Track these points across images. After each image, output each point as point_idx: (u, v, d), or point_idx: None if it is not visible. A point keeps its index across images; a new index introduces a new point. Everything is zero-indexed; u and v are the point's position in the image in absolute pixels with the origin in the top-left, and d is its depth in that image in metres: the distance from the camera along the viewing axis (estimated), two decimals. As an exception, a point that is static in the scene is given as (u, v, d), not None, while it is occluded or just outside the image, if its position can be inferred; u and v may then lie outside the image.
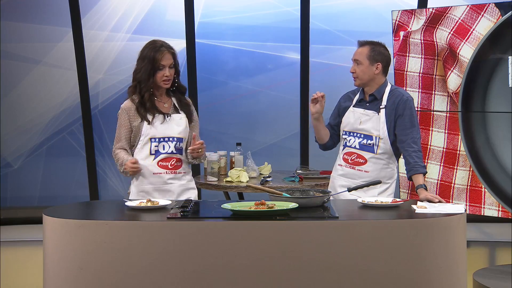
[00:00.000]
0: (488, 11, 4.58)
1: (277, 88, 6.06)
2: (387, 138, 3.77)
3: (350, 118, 3.86)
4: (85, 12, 5.97)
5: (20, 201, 6.17)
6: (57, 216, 3.02)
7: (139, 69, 3.64)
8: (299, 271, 2.88)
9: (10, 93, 6.10)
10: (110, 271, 2.89)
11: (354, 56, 3.82)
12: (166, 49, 3.62)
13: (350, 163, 3.84)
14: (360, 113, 3.83)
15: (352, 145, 3.84)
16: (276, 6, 5.99)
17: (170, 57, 3.62)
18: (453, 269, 2.98)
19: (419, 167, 3.64)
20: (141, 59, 3.64)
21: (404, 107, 3.75)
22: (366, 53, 3.77)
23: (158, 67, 3.59)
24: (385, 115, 3.76)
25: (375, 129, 3.78)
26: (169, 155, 3.66)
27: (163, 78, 3.61)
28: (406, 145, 3.72)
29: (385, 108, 3.77)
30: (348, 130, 3.86)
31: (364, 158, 3.80)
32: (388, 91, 3.81)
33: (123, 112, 3.67)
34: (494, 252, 5.20)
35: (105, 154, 6.13)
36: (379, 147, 3.78)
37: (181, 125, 3.69)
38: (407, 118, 3.74)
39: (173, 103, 3.74)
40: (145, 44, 3.68)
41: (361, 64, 3.77)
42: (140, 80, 3.63)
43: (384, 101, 3.79)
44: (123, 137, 3.68)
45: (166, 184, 3.67)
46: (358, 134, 3.82)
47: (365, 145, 3.80)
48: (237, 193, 5.17)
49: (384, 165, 3.81)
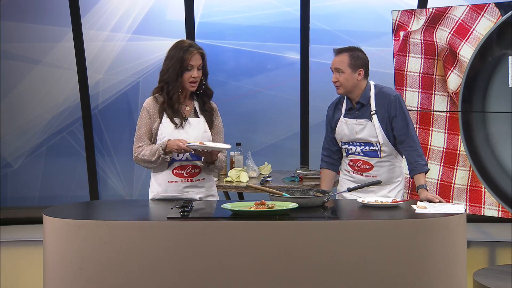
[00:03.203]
0: (488, 11, 4.58)
1: (277, 88, 6.06)
2: (388, 142, 3.75)
3: (345, 130, 3.80)
4: (85, 12, 5.97)
5: (20, 201, 6.17)
6: (57, 216, 3.02)
7: (166, 69, 3.47)
8: (299, 271, 2.88)
9: (10, 93, 6.10)
10: (110, 271, 2.89)
11: (333, 65, 3.75)
12: (196, 49, 3.46)
13: (357, 170, 3.81)
14: (353, 123, 3.77)
15: (355, 152, 3.80)
16: (276, 6, 5.99)
17: (199, 58, 3.46)
18: (453, 269, 2.98)
19: (420, 166, 3.64)
20: (169, 59, 3.47)
21: (395, 107, 3.72)
22: (347, 61, 3.71)
23: (186, 67, 3.44)
24: (378, 120, 3.73)
25: (372, 136, 3.74)
26: (183, 162, 3.51)
27: (190, 79, 3.45)
28: (406, 145, 3.71)
29: (377, 113, 3.73)
30: (346, 141, 3.82)
31: (369, 164, 3.78)
32: (374, 94, 3.77)
33: (144, 110, 3.52)
34: (494, 252, 5.19)
35: (105, 154, 6.13)
36: (382, 151, 3.76)
37: (198, 130, 3.53)
38: (400, 117, 3.72)
39: (194, 106, 3.58)
40: (172, 44, 3.52)
41: (343, 73, 3.71)
42: (168, 80, 3.46)
43: (373, 105, 3.74)
44: (144, 135, 3.50)
45: (183, 193, 3.52)
46: (357, 143, 3.79)
47: (368, 151, 3.77)
48: (237, 193, 5.17)
49: (390, 166, 3.79)
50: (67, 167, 6.18)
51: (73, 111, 6.10)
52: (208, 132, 3.56)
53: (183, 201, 3.30)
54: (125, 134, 6.16)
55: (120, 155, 6.11)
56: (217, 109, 3.67)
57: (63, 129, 6.13)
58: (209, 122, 3.58)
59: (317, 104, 5.90)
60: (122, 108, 6.11)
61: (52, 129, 6.12)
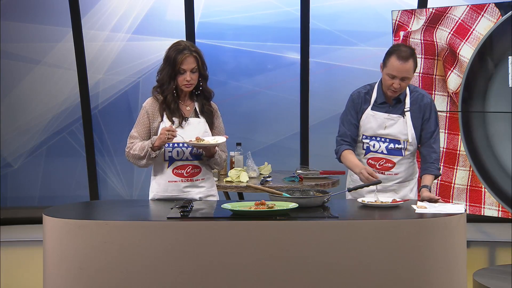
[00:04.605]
0: (488, 11, 4.58)
1: (277, 88, 6.06)
2: (415, 141, 3.74)
3: (372, 123, 3.74)
4: (85, 12, 5.97)
5: (20, 201, 6.17)
6: (57, 216, 3.02)
7: (161, 70, 3.48)
8: (299, 271, 2.88)
9: (10, 93, 6.10)
10: (110, 271, 2.90)
11: (401, 74, 3.60)
12: (189, 52, 3.42)
13: (379, 169, 3.75)
14: (383, 117, 3.72)
15: (378, 150, 3.75)
16: (276, 6, 5.99)
17: (192, 61, 3.42)
18: (453, 269, 2.98)
19: (435, 169, 3.66)
20: (165, 60, 3.47)
21: (430, 110, 3.73)
22: (413, 68, 3.62)
23: (179, 71, 3.43)
24: (411, 118, 3.71)
25: (402, 133, 3.71)
26: (184, 162, 3.51)
27: (184, 83, 3.44)
28: (428, 146, 3.72)
29: (410, 111, 3.71)
30: (370, 135, 3.75)
31: (392, 162, 3.74)
32: (409, 92, 3.74)
33: (143, 110, 3.53)
34: (494, 252, 5.19)
35: (105, 154, 6.13)
36: (406, 149, 3.74)
37: (198, 130, 3.52)
38: (433, 121, 3.73)
39: (195, 106, 3.57)
40: (171, 44, 3.51)
41: (408, 79, 3.63)
42: (162, 82, 3.48)
43: (407, 103, 3.72)
44: (139, 134, 3.51)
45: (183, 192, 3.52)
46: (383, 138, 3.75)
47: (393, 149, 3.73)
48: (237, 193, 5.17)
49: (410, 163, 3.79)
50: (67, 167, 6.17)
51: (73, 111, 6.09)
52: (209, 132, 3.56)
53: (183, 201, 3.30)
54: (125, 134, 6.08)
55: (120, 155, 6.10)
56: (218, 109, 3.66)
57: (63, 129, 6.13)
58: (210, 123, 3.58)
59: (317, 104, 5.90)
60: (122, 108, 6.11)
61: (52, 129, 6.12)
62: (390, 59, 3.62)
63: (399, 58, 3.58)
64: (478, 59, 4.65)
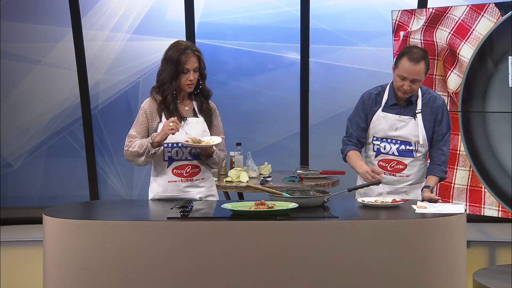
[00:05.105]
0: (488, 11, 4.58)
1: (277, 88, 6.06)
2: (427, 143, 3.72)
3: (383, 124, 3.72)
4: (85, 12, 5.97)
5: (20, 201, 6.17)
6: (57, 216, 3.02)
7: (162, 71, 3.48)
8: (299, 271, 2.88)
9: (10, 93, 6.10)
10: (110, 271, 2.90)
11: (411, 76, 3.57)
12: (192, 52, 3.43)
13: (390, 170, 3.74)
14: (395, 119, 3.70)
15: (389, 152, 3.73)
16: (276, 6, 5.99)
17: (195, 60, 3.44)
18: (453, 269, 2.98)
19: (441, 171, 3.65)
20: (165, 61, 3.47)
21: (442, 112, 3.71)
22: (424, 70, 3.60)
23: (182, 71, 3.43)
24: (423, 120, 3.69)
25: (413, 135, 3.69)
26: (183, 161, 3.51)
27: (187, 82, 3.45)
28: (437, 147, 3.71)
29: (422, 113, 3.69)
30: (381, 136, 3.73)
31: (404, 163, 3.72)
32: (421, 94, 3.72)
33: (142, 110, 3.53)
34: (494, 252, 5.19)
35: (105, 154, 6.13)
36: (418, 151, 3.72)
37: (197, 130, 3.52)
38: (445, 123, 3.72)
39: (193, 106, 3.58)
40: (169, 45, 3.51)
41: (419, 81, 3.61)
42: (163, 82, 3.47)
43: (419, 105, 3.70)
44: (137, 133, 3.51)
45: (183, 192, 3.52)
46: (394, 140, 3.72)
47: (404, 151, 3.71)
48: (237, 193, 5.17)
49: (421, 165, 3.76)
50: (67, 167, 6.17)
51: (73, 111, 6.10)
52: (207, 131, 3.57)
53: (183, 201, 3.30)
54: (125, 134, 6.08)
55: (120, 155, 6.06)
56: (216, 108, 3.66)
57: (63, 129, 6.13)
58: (208, 122, 3.59)
59: (317, 104, 5.90)
60: (122, 108, 6.11)
61: (52, 129, 6.12)
62: (401, 60, 3.60)
63: (410, 59, 3.56)
64: (478, 59, 4.65)
